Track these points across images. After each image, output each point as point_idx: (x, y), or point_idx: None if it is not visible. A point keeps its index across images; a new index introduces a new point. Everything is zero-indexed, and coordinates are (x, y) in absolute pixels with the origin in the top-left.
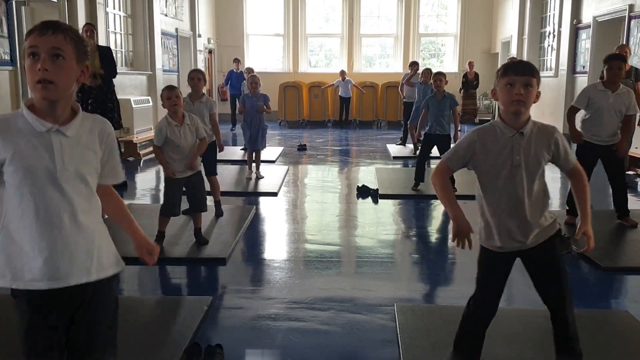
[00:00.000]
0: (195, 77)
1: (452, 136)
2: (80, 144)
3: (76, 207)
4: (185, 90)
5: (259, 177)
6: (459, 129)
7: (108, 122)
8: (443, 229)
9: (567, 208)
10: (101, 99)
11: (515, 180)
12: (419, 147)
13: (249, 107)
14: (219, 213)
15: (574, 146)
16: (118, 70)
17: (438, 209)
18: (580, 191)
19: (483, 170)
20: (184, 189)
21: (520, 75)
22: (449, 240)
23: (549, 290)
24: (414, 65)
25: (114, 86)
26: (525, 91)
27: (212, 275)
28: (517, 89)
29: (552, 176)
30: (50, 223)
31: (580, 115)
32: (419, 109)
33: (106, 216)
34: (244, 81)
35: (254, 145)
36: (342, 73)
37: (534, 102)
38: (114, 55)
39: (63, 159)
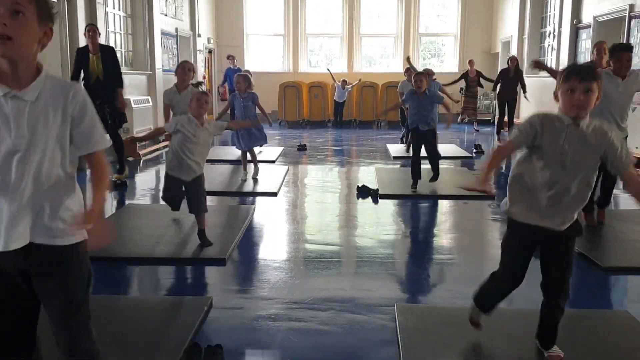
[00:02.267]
0: (187, 66)
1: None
2: (41, 109)
3: (39, 172)
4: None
5: (253, 177)
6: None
7: (74, 85)
8: (443, 229)
9: (598, 198)
10: (106, 99)
11: (560, 168)
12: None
13: (238, 109)
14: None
15: None
16: None
17: (438, 209)
18: (635, 190)
19: (541, 150)
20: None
21: (581, 81)
22: (449, 240)
23: (554, 278)
24: (409, 71)
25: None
26: (585, 97)
27: (212, 275)
28: (578, 95)
29: None
30: (7, 188)
31: None
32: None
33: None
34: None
35: (247, 144)
36: (344, 82)
37: (595, 104)
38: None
39: (19, 124)
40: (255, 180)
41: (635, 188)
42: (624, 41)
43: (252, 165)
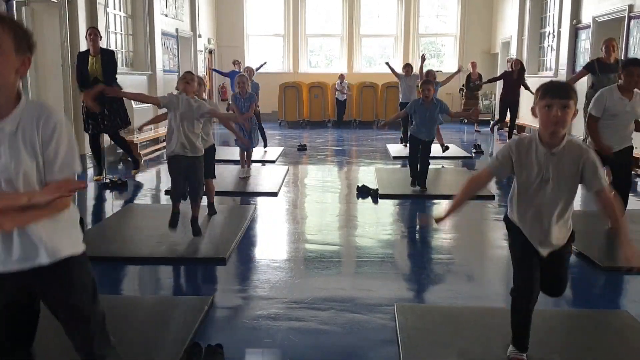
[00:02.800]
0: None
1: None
2: (19, 137)
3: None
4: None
5: (245, 176)
6: (465, 116)
7: (51, 110)
8: (443, 229)
9: None
10: (106, 100)
11: (543, 194)
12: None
13: (239, 107)
14: (211, 212)
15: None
16: (119, 70)
17: (438, 209)
18: (613, 218)
19: (517, 180)
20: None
21: (558, 98)
22: (449, 240)
23: (550, 284)
24: (408, 67)
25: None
26: (562, 112)
27: (212, 275)
28: (555, 112)
29: None
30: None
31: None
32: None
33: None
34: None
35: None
36: (341, 76)
37: (572, 120)
38: (114, 56)
39: (0, 154)
40: (247, 179)
41: (608, 209)
42: (624, 41)
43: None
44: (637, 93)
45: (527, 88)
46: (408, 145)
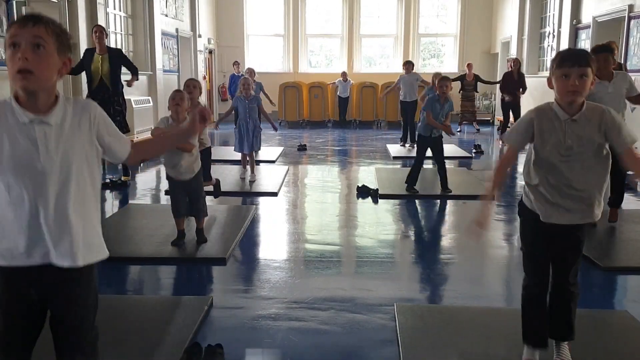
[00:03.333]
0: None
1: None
2: (65, 131)
3: (65, 194)
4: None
5: (252, 180)
6: (448, 124)
7: (89, 102)
8: (443, 229)
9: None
10: (108, 102)
11: (567, 162)
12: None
13: (241, 109)
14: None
15: None
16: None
17: (438, 209)
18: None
19: (538, 148)
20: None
21: (577, 66)
22: (449, 240)
23: (560, 268)
24: (408, 64)
25: (122, 87)
26: (580, 82)
27: (212, 275)
28: (573, 80)
29: None
30: (38, 210)
31: None
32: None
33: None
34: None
35: (249, 147)
36: (344, 74)
37: (591, 88)
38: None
39: (48, 147)
40: (252, 182)
41: (636, 165)
42: (624, 41)
43: (249, 168)
44: (617, 74)
45: (524, 89)
46: (416, 146)
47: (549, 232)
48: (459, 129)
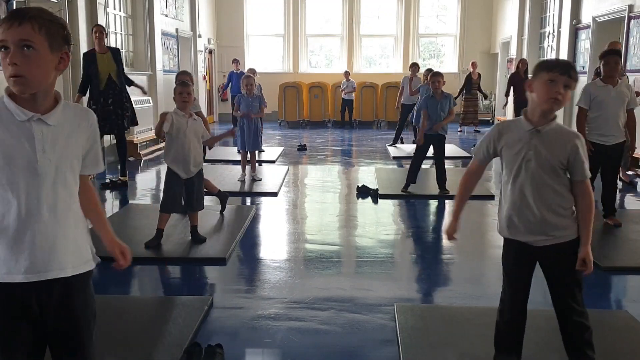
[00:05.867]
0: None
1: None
2: (63, 133)
3: (56, 198)
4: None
5: (256, 179)
6: (447, 122)
7: (90, 111)
8: (443, 229)
9: (603, 209)
10: (119, 99)
11: (526, 174)
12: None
13: (244, 108)
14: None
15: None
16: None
17: (438, 209)
18: (585, 211)
19: (503, 161)
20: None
21: (567, 76)
22: (449, 240)
23: (557, 293)
24: (414, 66)
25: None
26: (564, 92)
27: (212, 275)
28: (559, 88)
29: None
30: (29, 214)
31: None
32: (419, 110)
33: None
34: None
35: (250, 146)
36: (347, 74)
37: (564, 104)
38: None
39: (44, 148)
40: (255, 179)
41: (587, 200)
42: (624, 41)
43: (250, 166)
44: (621, 82)
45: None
46: (415, 146)
47: (530, 255)
48: (459, 129)
